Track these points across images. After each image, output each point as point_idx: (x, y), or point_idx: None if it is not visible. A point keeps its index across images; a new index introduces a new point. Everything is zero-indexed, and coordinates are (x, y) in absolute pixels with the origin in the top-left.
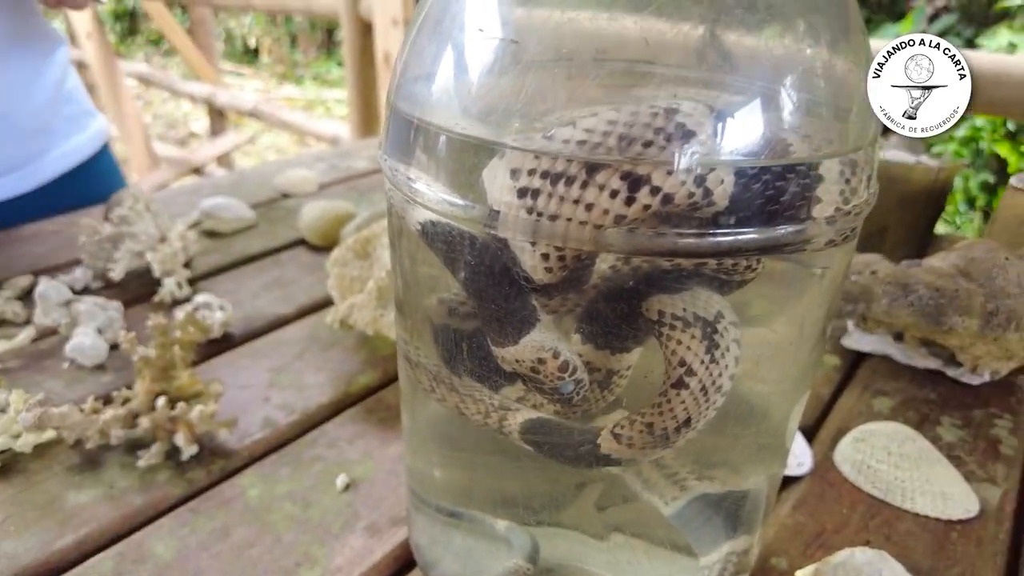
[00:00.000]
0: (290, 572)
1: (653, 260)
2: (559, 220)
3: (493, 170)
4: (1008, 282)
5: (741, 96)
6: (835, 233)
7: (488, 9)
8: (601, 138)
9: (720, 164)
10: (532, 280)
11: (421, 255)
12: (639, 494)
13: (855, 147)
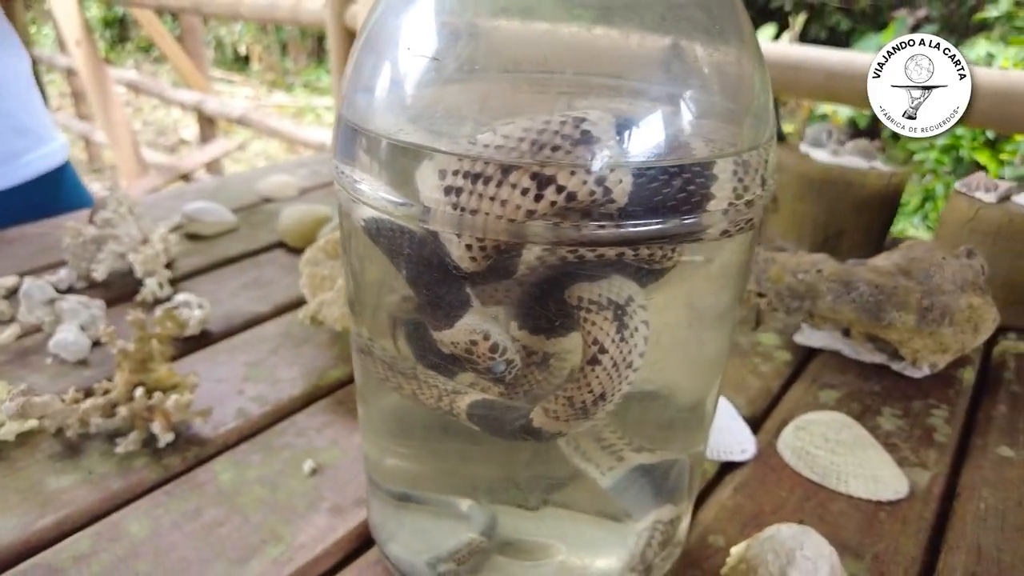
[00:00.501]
0: (256, 549)
1: (576, 251)
2: (479, 214)
3: (424, 171)
4: (944, 280)
5: (651, 104)
6: (729, 225)
7: (417, 30)
8: (516, 143)
9: (620, 166)
10: (460, 268)
11: (368, 253)
12: (579, 467)
13: (749, 147)
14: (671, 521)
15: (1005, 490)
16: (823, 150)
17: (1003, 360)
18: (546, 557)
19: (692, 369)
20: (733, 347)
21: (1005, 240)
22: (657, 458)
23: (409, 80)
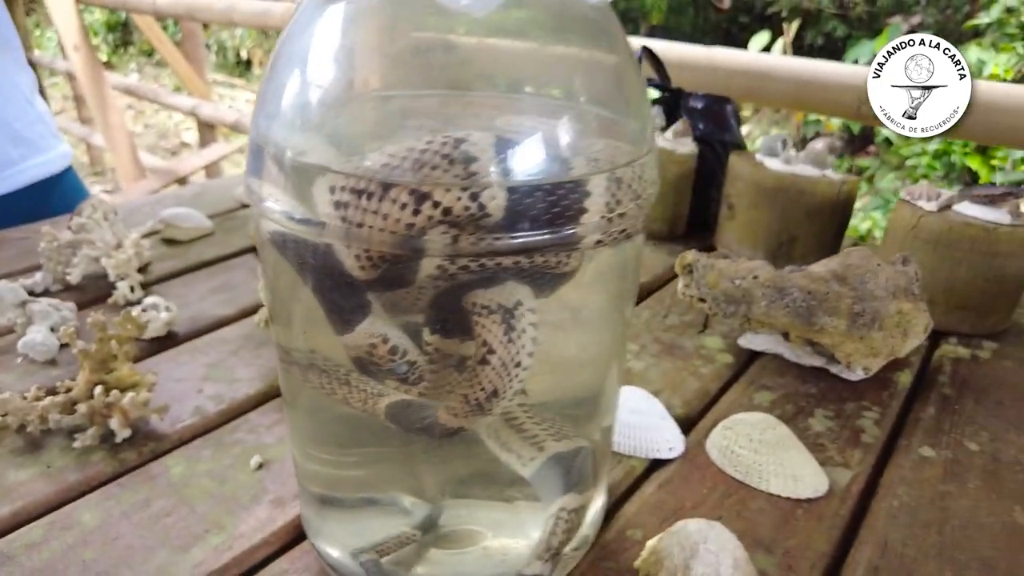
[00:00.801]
0: (199, 537)
1: (477, 260)
2: (364, 227)
3: (318, 188)
4: (877, 286)
5: (536, 125)
6: (603, 235)
7: (312, 60)
8: (400, 162)
9: (496, 183)
10: (353, 277)
11: (279, 264)
12: (502, 458)
13: (624, 165)
14: (575, 510)
15: (920, 488)
16: (777, 159)
17: (940, 364)
18: (472, 544)
19: (579, 367)
20: (675, 349)
21: (945, 247)
22: (570, 446)
23: (309, 103)
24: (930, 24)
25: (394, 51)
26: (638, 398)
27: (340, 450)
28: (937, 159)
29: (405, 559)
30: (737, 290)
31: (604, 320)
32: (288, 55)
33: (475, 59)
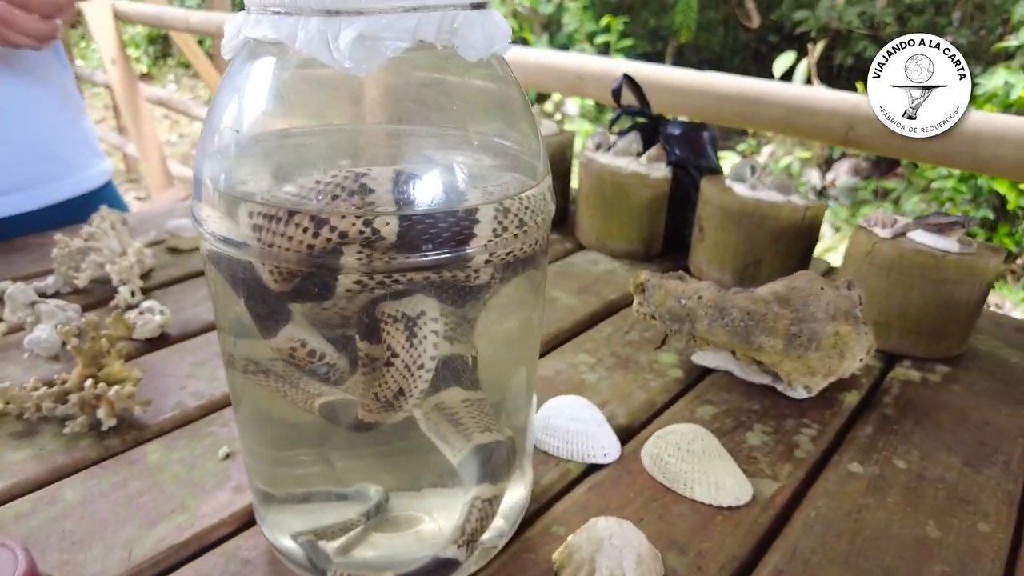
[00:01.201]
0: (166, 515)
1: (391, 275)
2: (274, 247)
3: (240, 213)
4: (818, 308)
5: (439, 161)
6: (490, 256)
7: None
8: (307, 192)
9: (389, 213)
10: (270, 289)
11: (218, 279)
12: (438, 447)
13: (512, 195)
14: (489, 499)
15: (840, 500)
16: (744, 184)
17: (889, 386)
18: (408, 528)
19: (488, 367)
20: (629, 363)
21: (898, 273)
22: (490, 439)
23: (236, 142)
24: (962, 44)
25: (307, 97)
26: (579, 407)
27: (285, 450)
28: (963, 183)
29: (344, 542)
30: (682, 309)
31: (511, 328)
32: (218, 102)
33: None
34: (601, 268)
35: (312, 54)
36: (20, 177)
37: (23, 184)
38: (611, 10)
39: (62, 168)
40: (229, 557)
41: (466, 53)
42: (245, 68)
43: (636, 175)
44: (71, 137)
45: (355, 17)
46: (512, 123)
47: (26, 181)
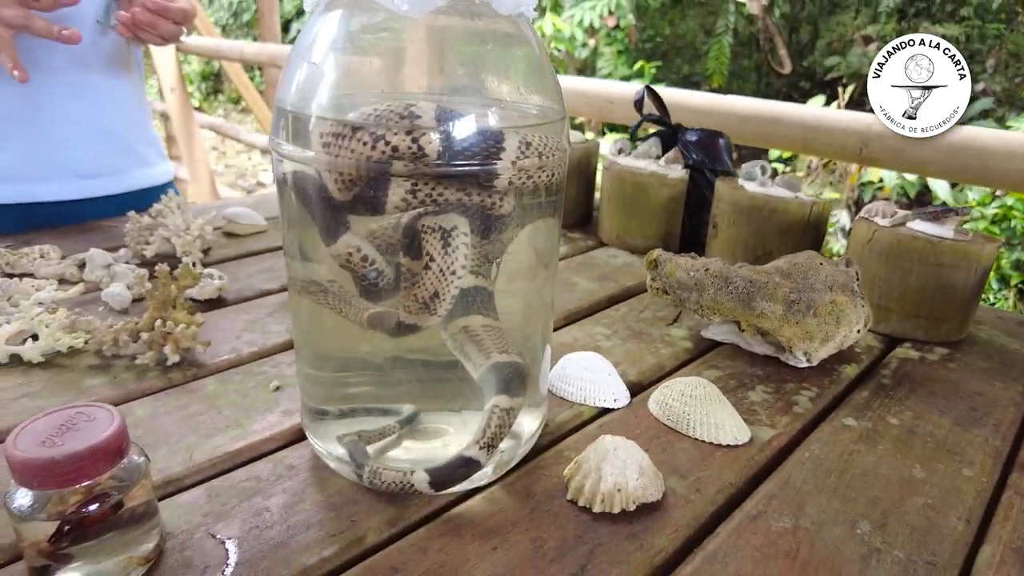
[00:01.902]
0: (220, 430)
1: (431, 195)
2: (339, 157)
3: (312, 132)
4: (817, 280)
5: (476, 103)
6: (513, 177)
7: (315, 49)
8: (367, 116)
9: (431, 131)
10: (335, 197)
11: (290, 201)
12: (463, 363)
13: (531, 126)
14: (506, 409)
15: (832, 446)
16: (755, 182)
17: (888, 362)
18: (437, 438)
19: (509, 305)
20: (642, 335)
21: (896, 258)
22: (509, 358)
23: (305, 78)
24: (996, 91)
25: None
26: (592, 359)
27: (336, 374)
28: (996, 224)
29: (381, 445)
30: (690, 280)
31: (527, 269)
32: (299, 46)
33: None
34: (620, 261)
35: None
36: (101, 165)
37: (103, 171)
38: (645, 56)
39: (135, 160)
40: (277, 463)
41: (499, 7)
42: (322, 17)
43: (655, 175)
44: (144, 136)
45: None
46: (533, 73)
47: (105, 169)
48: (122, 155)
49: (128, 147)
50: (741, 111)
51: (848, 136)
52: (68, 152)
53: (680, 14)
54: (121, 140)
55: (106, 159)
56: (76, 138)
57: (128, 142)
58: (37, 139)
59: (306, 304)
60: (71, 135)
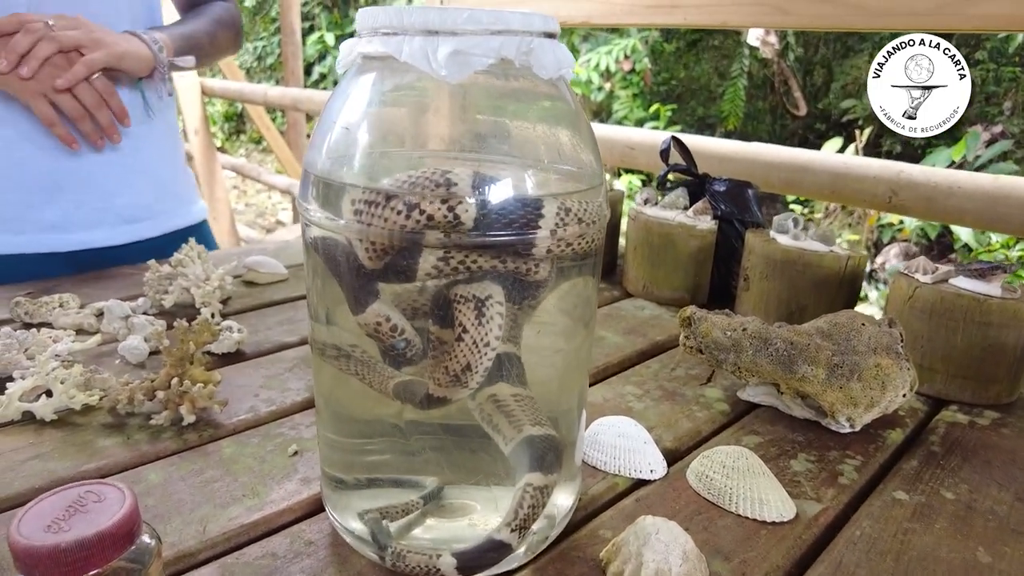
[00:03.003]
0: (237, 499)
1: (463, 262)
2: (372, 226)
3: (344, 199)
4: (860, 342)
5: (513, 167)
6: (552, 245)
7: (346, 113)
8: (401, 183)
9: (467, 200)
10: (365, 265)
11: (318, 266)
12: (491, 436)
13: (571, 192)
14: (540, 488)
15: (885, 523)
16: (787, 235)
17: (935, 427)
18: (463, 516)
19: (546, 371)
20: (676, 395)
21: (939, 317)
22: (543, 431)
23: (342, 145)
24: (1014, 133)
25: (403, 106)
26: (626, 425)
27: (358, 440)
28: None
29: (404, 523)
30: (727, 340)
31: (564, 333)
32: (331, 106)
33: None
34: (647, 313)
35: (414, 64)
36: (144, 208)
37: (146, 214)
38: (660, 98)
39: (175, 201)
40: (294, 538)
41: (539, 72)
42: (355, 80)
43: (683, 226)
44: (182, 176)
45: (451, 36)
46: (573, 136)
47: (148, 212)
48: (164, 198)
49: (169, 189)
50: (767, 158)
51: (878, 184)
52: (115, 199)
53: (695, 57)
54: (163, 183)
55: (149, 203)
56: (122, 185)
57: (168, 184)
58: (85, 189)
59: (328, 366)
60: (117, 182)
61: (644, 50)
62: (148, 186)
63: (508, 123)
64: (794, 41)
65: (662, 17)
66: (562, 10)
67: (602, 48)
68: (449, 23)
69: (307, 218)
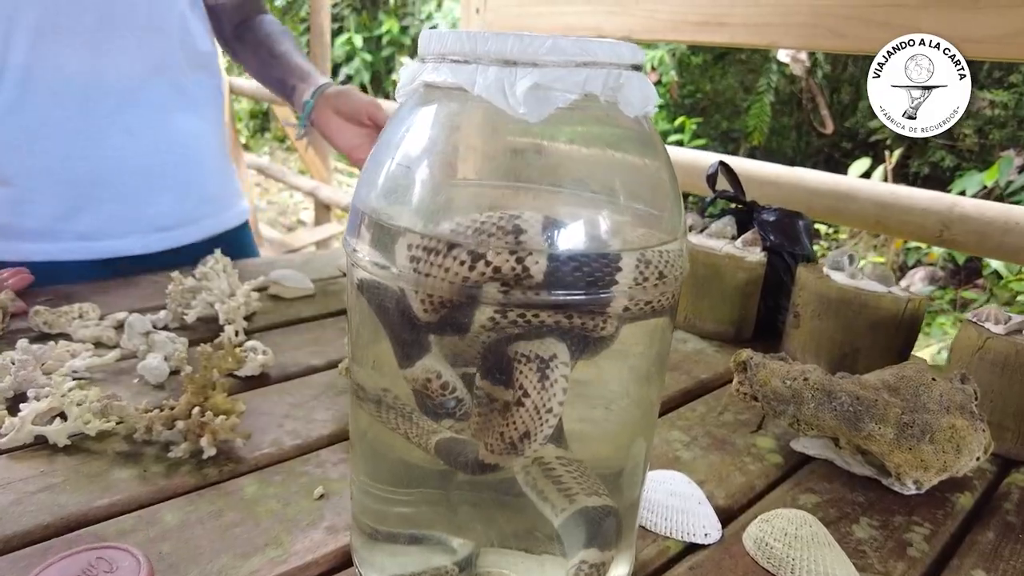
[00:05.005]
0: (259, 549)
1: (524, 315)
2: (430, 277)
3: (399, 245)
4: (930, 399)
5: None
6: (630, 303)
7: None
8: (464, 229)
9: (538, 251)
10: (419, 318)
11: (362, 309)
12: (536, 505)
13: (653, 246)
14: (595, 565)
15: None
16: (843, 272)
17: (1008, 491)
18: None
19: (605, 435)
20: (725, 444)
21: (1013, 371)
22: (599, 503)
23: (400, 182)
24: None
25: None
26: (679, 482)
27: (394, 488)
28: None
29: None
30: (787, 390)
31: (630, 395)
32: (387, 140)
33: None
34: (690, 347)
35: (489, 99)
36: (181, 216)
37: (183, 221)
38: (685, 111)
39: (215, 207)
40: None
41: (626, 108)
42: (416, 111)
43: (731, 257)
44: (224, 181)
45: (530, 68)
46: (657, 182)
47: (186, 219)
48: (203, 203)
49: (209, 195)
50: (812, 184)
51: (927, 216)
52: (153, 208)
53: (721, 71)
54: (203, 189)
55: (187, 210)
56: (162, 192)
57: (209, 190)
58: (125, 199)
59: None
60: (157, 191)
61: (671, 62)
62: (188, 194)
63: (587, 161)
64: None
65: (708, 35)
66: (604, 24)
67: None
68: (530, 53)
69: (356, 261)
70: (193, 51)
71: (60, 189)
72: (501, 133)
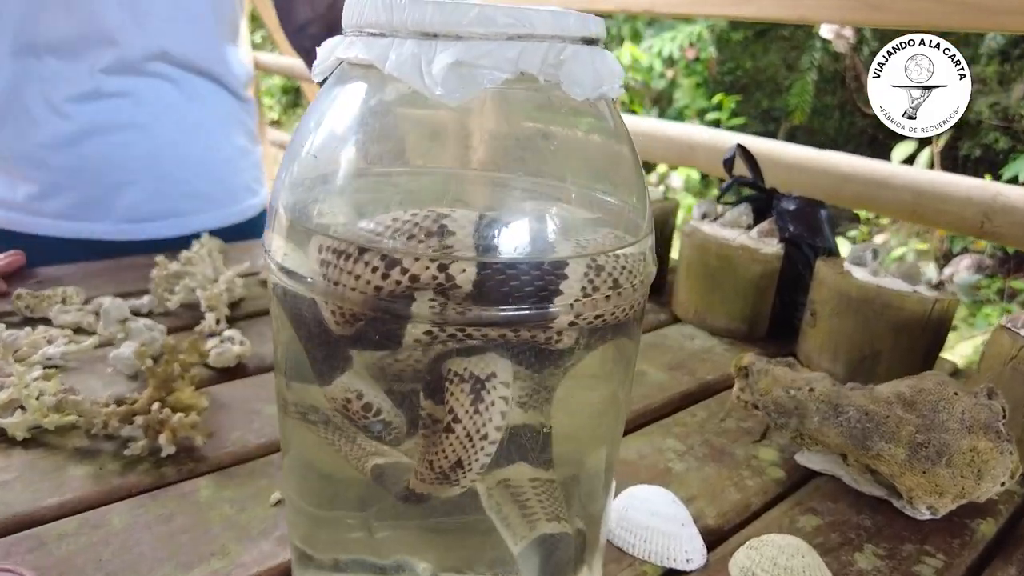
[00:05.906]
0: (203, 558)
1: (464, 329)
2: (340, 285)
3: (311, 247)
4: (951, 417)
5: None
6: (576, 318)
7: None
8: (383, 229)
9: (467, 258)
10: (332, 332)
11: (281, 317)
12: (500, 531)
13: (604, 252)
14: None
15: None
16: (865, 269)
17: None
18: None
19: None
20: (724, 455)
21: None
22: (558, 529)
23: (311, 176)
24: None
25: (396, 132)
26: (663, 500)
27: (328, 510)
28: None
29: None
30: (790, 400)
31: (594, 402)
32: (302, 127)
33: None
34: (697, 344)
35: (402, 78)
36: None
37: (207, 207)
38: (724, 88)
39: (238, 194)
40: None
41: (571, 90)
42: (332, 93)
43: (745, 248)
44: (249, 161)
45: (453, 42)
46: (616, 174)
47: (209, 204)
48: (227, 190)
49: (233, 181)
50: (842, 169)
51: (968, 207)
52: (184, 188)
53: (762, 48)
54: (229, 176)
55: (212, 195)
56: (193, 177)
57: (235, 176)
58: (163, 179)
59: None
60: (190, 175)
61: (710, 38)
62: (214, 180)
63: (529, 147)
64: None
65: (732, 8)
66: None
67: (666, 34)
68: (451, 24)
69: (268, 262)
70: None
71: (38, 174)
72: (428, 121)
